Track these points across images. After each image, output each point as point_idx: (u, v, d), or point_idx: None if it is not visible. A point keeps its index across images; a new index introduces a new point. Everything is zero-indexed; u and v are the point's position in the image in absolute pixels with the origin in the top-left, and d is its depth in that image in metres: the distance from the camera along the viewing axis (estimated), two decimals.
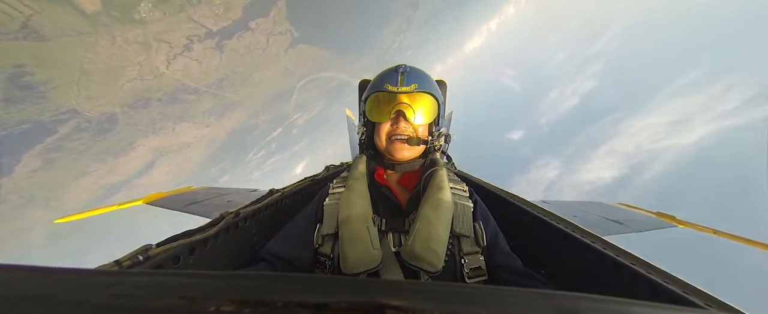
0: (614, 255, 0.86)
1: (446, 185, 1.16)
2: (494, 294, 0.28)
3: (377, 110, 1.24)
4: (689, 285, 0.67)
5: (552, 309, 0.25)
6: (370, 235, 1.00)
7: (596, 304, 0.27)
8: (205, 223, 0.99)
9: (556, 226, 1.15)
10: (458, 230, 1.06)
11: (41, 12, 14.41)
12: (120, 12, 17.24)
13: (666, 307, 0.33)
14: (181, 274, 0.31)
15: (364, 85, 2.14)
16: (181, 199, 2.66)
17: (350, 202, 1.10)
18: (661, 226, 2.45)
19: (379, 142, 1.27)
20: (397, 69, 1.23)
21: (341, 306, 0.24)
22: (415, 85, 1.20)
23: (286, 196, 1.55)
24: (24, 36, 14.42)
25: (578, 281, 1.04)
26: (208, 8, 21.14)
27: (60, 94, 17.50)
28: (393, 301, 0.25)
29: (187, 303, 0.24)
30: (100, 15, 16.57)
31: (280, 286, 0.27)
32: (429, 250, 0.95)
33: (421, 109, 1.21)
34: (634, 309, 0.27)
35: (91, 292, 0.26)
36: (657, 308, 0.31)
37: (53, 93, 17.23)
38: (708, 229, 2.25)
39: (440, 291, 0.27)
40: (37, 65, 15.66)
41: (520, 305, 0.26)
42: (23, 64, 15.20)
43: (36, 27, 14.54)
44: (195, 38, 22.09)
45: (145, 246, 0.77)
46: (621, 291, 0.82)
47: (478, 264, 1.04)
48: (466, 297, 0.26)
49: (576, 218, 2.18)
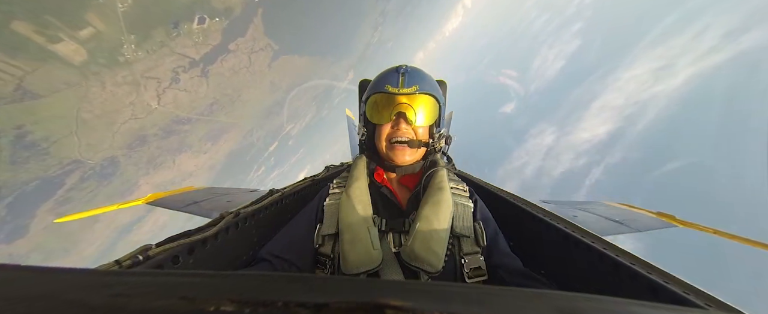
0: (614, 255, 0.86)
1: (446, 185, 1.17)
2: (495, 294, 0.28)
3: (377, 112, 1.23)
4: (689, 285, 0.68)
5: (552, 309, 0.25)
6: (371, 236, 1.01)
7: (596, 304, 0.27)
8: (205, 223, 0.99)
9: (556, 226, 1.16)
10: (458, 230, 1.07)
11: (32, 72, 14.66)
12: (106, 57, 17.43)
13: (666, 307, 0.33)
14: (181, 274, 0.31)
15: (364, 85, 2.13)
16: (181, 199, 2.64)
17: (351, 203, 1.10)
18: (661, 226, 2.44)
19: (379, 144, 1.25)
20: (398, 69, 1.21)
21: (341, 306, 0.24)
22: (416, 86, 1.18)
23: (286, 196, 1.54)
24: (20, 97, 14.73)
25: (578, 281, 1.05)
26: (188, 38, 21.23)
27: (61, 147, 17.78)
28: (393, 301, 0.24)
29: (187, 303, 0.24)
30: (88, 64, 16.79)
31: (280, 286, 0.27)
32: (429, 251, 0.96)
33: (422, 111, 1.20)
34: (634, 309, 0.27)
35: (91, 292, 0.25)
36: (657, 308, 0.31)
37: (55, 147, 17.49)
38: (708, 229, 2.24)
39: (440, 291, 0.27)
40: (35, 123, 15.94)
41: (520, 305, 0.26)
42: (23, 124, 15.50)
43: (29, 87, 14.84)
44: (180, 69, 22.25)
45: (145, 246, 0.77)
46: (621, 291, 0.83)
47: (478, 264, 1.04)
48: (466, 297, 0.26)
49: (576, 218, 2.18)
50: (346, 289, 0.27)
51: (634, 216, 2.53)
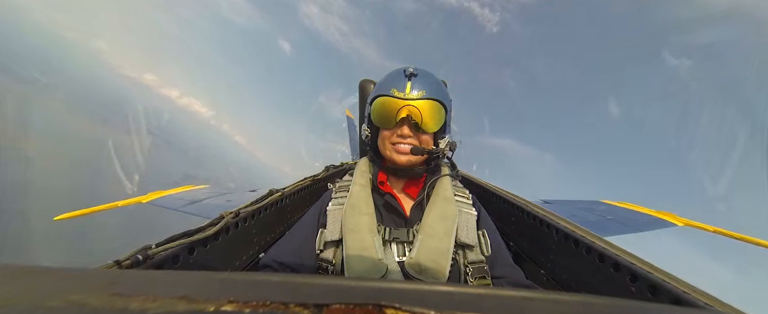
0: (614, 255, 0.87)
1: (451, 194, 1.16)
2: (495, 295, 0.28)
3: (383, 116, 1.19)
4: (689, 285, 0.68)
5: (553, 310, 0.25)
6: (375, 245, 1.00)
7: (596, 304, 0.27)
8: (205, 223, 0.99)
9: (556, 226, 1.16)
10: (462, 240, 1.05)
11: None
12: None
13: (666, 307, 0.33)
14: (181, 274, 0.31)
15: (363, 85, 2.13)
16: (181, 199, 2.64)
17: (355, 210, 1.09)
18: (661, 226, 2.44)
19: (383, 148, 1.24)
20: (406, 72, 1.19)
21: (341, 306, 0.24)
22: (423, 91, 1.16)
23: (286, 196, 1.54)
24: None
25: (578, 281, 1.05)
26: None
27: None
28: (393, 302, 0.24)
29: (187, 303, 0.24)
30: None
31: (281, 286, 0.27)
32: (433, 263, 0.96)
33: (429, 117, 1.16)
34: (635, 309, 0.27)
35: (92, 292, 0.25)
36: (657, 308, 0.31)
37: None
38: (709, 227, 2.24)
39: (441, 292, 0.27)
40: None
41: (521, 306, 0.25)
42: None
43: None
44: None
45: (145, 246, 0.77)
46: (621, 291, 0.83)
47: (482, 274, 1.04)
48: (467, 298, 0.26)
49: (576, 218, 2.18)
50: (345, 289, 0.27)
51: (634, 216, 2.55)
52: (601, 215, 2.55)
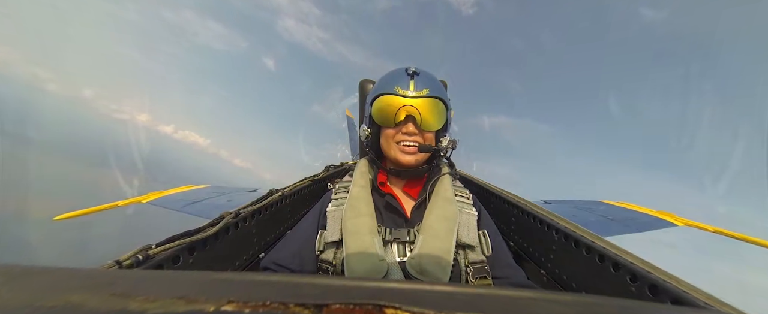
0: (614, 255, 0.87)
1: (452, 195, 1.16)
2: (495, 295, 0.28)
3: (385, 114, 1.19)
4: (689, 284, 0.68)
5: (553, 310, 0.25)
6: (376, 246, 1.00)
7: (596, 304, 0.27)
8: (205, 223, 0.99)
9: (556, 226, 1.16)
10: (464, 240, 1.05)
11: None
12: None
13: (666, 307, 0.32)
14: (181, 274, 0.30)
15: (363, 85, 2.12)
16: (181, 199, 2.64)
17: (355, 211, 1.09)
18: (661, 226, 2.45)
19: (387, 148, 1.24)
20: (408, 71, 1.20)
21: (341, 306, 0.24)
22: (426, 90, 1.17)
23: (286, 196, 1.55)
24: None
25: (579, 281, 1.05)
26: None
27: None
28: (393, 302, 0.24)
29: (187, 303, 0.24)
30: None
31: (280, 286, 0.27)
32: (435, 264, 0.96)
33: (433, 115, 1.17)
34: (635, 308, 0.27)
35: (91, 292, 0.25)
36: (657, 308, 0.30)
37: None
38: (709, 227, 2.25)
39: (441, 292, 0.27)
40: None
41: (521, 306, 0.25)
42: None
43: None
44: None
45: (145, 246, 0.77)
46: (621, 291, 0.83)
47: (483, 274, 1.04)
48: (467, 298, 0.26)
49: (576, 218, 2.17)
50: (345, 289, 0.27)
51: (634, 216, 2.56)
52: (601, 215, 2.56)
